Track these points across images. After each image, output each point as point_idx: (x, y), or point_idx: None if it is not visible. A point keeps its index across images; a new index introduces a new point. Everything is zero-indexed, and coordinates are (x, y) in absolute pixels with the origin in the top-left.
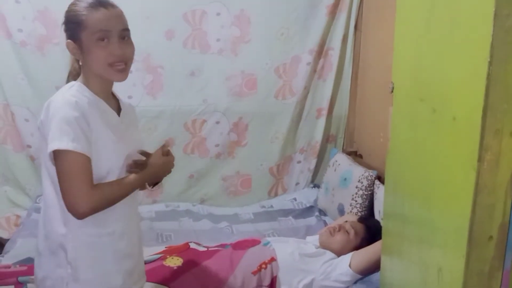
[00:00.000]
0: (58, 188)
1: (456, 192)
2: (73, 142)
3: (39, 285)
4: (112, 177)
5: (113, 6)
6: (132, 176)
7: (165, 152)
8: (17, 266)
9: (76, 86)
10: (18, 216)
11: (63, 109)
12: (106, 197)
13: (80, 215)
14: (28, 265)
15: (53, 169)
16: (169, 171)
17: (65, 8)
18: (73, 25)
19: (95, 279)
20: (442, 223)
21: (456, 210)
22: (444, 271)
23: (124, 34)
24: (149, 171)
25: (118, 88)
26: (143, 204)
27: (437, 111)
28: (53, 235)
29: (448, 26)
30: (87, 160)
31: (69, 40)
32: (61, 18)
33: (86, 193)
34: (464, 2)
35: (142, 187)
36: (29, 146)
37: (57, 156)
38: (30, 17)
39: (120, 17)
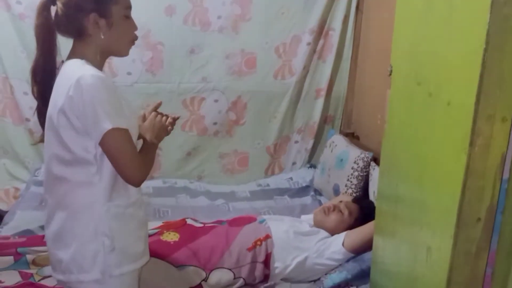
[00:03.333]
0: (84, 168)
1: (447, 175)
2: (118, 119)
3: (69, 266)
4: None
5: None
6: (149, 144)
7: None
8: (16, 237)
9: (87, 64)
10: (17, 189)
11: (99, 88)
12: (149, 162)
13: (138, 184)
14: (27, 236)
15: (80, 150)
16: (165, 131)
17: None
18: None
19: (126, 247)
20: (433, 204)
21: (446, 192)
22: (433, 250)
23: None
24: (152, 135)
25: (117, 64)
26: None
27: (433, 95)
28: (79, 214)
29: (447, 11)
30: (129, 132)
31: (94, 14)
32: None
33: (139, 164)
34: None
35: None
36: (28, 120)
37: (105, 136)
38: None
39: None
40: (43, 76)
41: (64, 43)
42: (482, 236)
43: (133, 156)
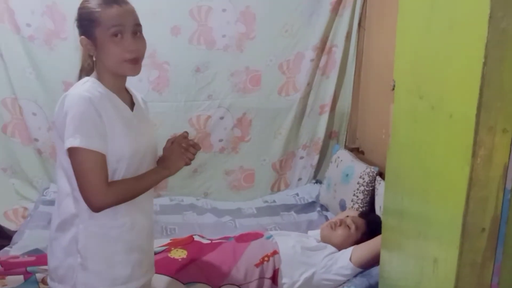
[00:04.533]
0: (72, 181)
1: (451, 186)
2: (87, 140)
3: (52, 274)
4: (121, 170)
5: (125, 2)
6: (150, 173)
7: (182, 138)
8: (25, 256)
9: (90, 81)
10: (25, 208)
11: (77, 105)
12: (122, 193)
13: (95, 209)
14: (36, 255)
15: (67, 163)
16: (182, 160)
17: (73, 3)
18: (86, 22)
19: (103, 269)
20: (438, 217)
21: (451, 203)
22: (440, 262)
23: (137, 30)
24: (165, 164)
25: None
26: None
27: (435, 108)
28: (65, 225)
29: (447, 26)
30: (101, 157)
31: (82, 37)
32: (69, 13)
33: (100, 189)
34: (461, 4)
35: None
36: (36, 140)
37: (72, 153)
38: (38, 12)
39: (132, 12)
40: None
41: None
42: (487, 246)
43: (94, 180)
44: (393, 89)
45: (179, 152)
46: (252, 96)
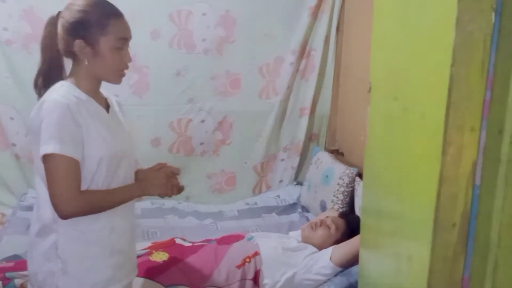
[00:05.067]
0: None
1: (423, 184)
2: (61, 146)
3: (31, 279)
4: (101, 172)
5: (123, 15)
6: (124, 188)
7: (172, 173)
8: (4, 262)
9: (66, 86)
10: (3, 215)
11: (53, 112)
12: (91, 204)
13: (63, 217)
14: (15, 261)
15: (42, 168)
16: (163, 191)
17: (50, 7)
18: (91, 28)
19: (83, 272)
20: (411, 214)
21: (423, 200)
22: (414, 258)
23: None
24: (142, 185)
25: (104, 87)
26: None
27: (408, 109)
28: (45, 231)
29: (418, 29)
30: (75, 163)
31: (80, 40)
32: (46, 16)
33: (70, 197)
34: (431, 8)
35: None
36: (14, 145)
37: (46, 159)
38: (15, 16)
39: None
40: (43, 86)
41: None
42: (458, 240)
43: (65, 187)
44: (369, 91)
45: (162, 182)
46: (232, 100)
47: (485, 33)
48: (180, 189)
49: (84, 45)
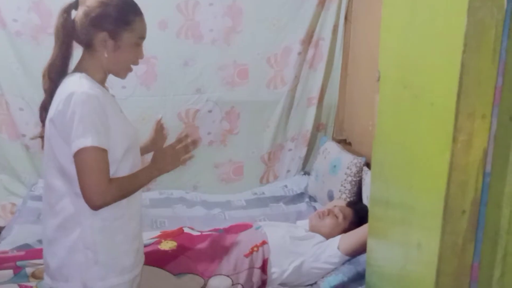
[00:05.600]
0: (71, 179)
1: (433, 171)
2: (98, 138)
3: (54, 274)
4: (127, 160)
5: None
6: (143, 171)
7: (160, 126)
8: (15, 251)
9: (85, 78)
10: (13, 204)
11: (85, 105)
12: (121, 191)
13: (96, 208)
14: (26, 250)
15: (69, 163)
16: (177, 163)
17: None
18: (118, 21)
19: (112, 260)
20: (421, 202)
21: (432, 188)
22: (423, 246)
23: None
24: (156, 165)
25: (113, 78)
26: None
27: (418, 97)
28: (67, 225)
29: (428, 17)
30: (106, 153)
31: (105, 33)
32: (55, 8)
33: (103, 188)
34: None
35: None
36: (24, 135)
37: (81, 152)
38: (25, 7)
39: None
40: (56, 75)
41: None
42: (468, 228)
43: (100, 179)
44: (378, 80)
45: (172, 156)
46: (240, 90)
47: (496, 19)
48: (195, 143)
49: (108, 37)
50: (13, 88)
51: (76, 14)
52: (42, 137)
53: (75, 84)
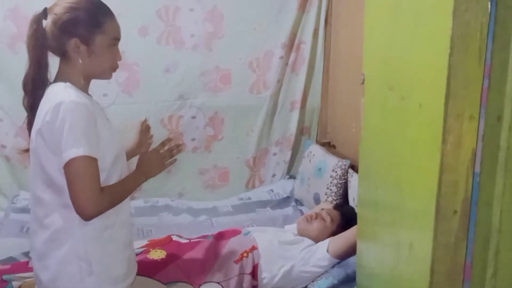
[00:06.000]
0: (60, 191)
1: (423, 173)
2: (89, 148)
3: (48, 286)
4: (116, 168)
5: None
6: (130, 177)
7: (145, 127)
8: (0, 265)
9: (69, 87)
10: None
11: (75, 113)
12: (112, 199)
13: (88, 218)
14: (11, 263)
15: (56, 173)
16: (162, 167)
17: (36, 6)
18: (88, 25)
19: (106, 269)
20: (411, 203)
21: (424, 188)
22: (415, 245)
23: None
24: (142, 169)
25: (93, 86)
26: None
27: (405, 99)
28: (59, 237)
29: (413, 19)
30: (96, 162)
31: (75, 39)
32: (32, 15)
33: (95, 197)
34: None
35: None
36: (3, 146)
37: (72, 163)
38: (0, 16)
39: None
40: (34, 88)
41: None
42: (460, 227)
43: (92, 188)
44: (363, 82)
45: (157, 159)
46: (223, 95)
47: (481, 21)
48: (180, 146)
49: (79, 43)
50: None
51: (46, 23)
52: (28, 150)
53: (62, 94)
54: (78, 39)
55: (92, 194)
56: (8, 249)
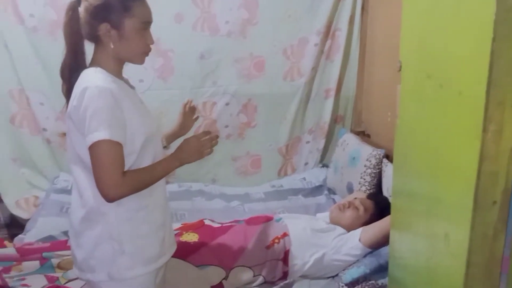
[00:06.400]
0: (90, 171)
1: (462, 162)
2: (110, 132)
3: (81, 265)
4: (147, 151)
5: None
6: (162, 162)
7: (189, 108)
8: (40, 243)
9: (99, 72)
10: (36, 197)
11: (98, 99)
12: (136, 183)
13: (110, 200)
14: (50, 241)
15: (86, 155)
16: (199, 155)
17: None
18: (117, 10)
19: (137, 250)
20: (448, 193)
21: (461, 178)
22: (451, 237)
23: None
24: (180, 154)
25: (130, 72)
26: None
27: (443, 87)
28: (92, 217)
29: (454, 4)
30: (120, 147)
31: (106, 23)
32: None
33: (116, 181)
34: None
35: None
36: (45, 129)
37: (95, 146)
38: (41, 2)
39: None
40: (70, 74)
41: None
42: (499, 218)
43: (112, 172)
44: (400, 70)
45: (196, 147)
46: (257, 82)
47: None
48: (213, 142)
49: (110, 28)
50: (33, 84)
51: (80, 11)
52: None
53: (89, 79)
54: (109, 23)
55: (113, 178)
56: (48, 228)
